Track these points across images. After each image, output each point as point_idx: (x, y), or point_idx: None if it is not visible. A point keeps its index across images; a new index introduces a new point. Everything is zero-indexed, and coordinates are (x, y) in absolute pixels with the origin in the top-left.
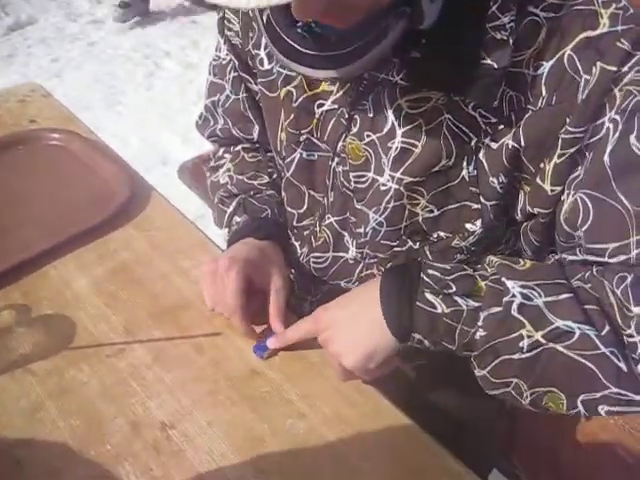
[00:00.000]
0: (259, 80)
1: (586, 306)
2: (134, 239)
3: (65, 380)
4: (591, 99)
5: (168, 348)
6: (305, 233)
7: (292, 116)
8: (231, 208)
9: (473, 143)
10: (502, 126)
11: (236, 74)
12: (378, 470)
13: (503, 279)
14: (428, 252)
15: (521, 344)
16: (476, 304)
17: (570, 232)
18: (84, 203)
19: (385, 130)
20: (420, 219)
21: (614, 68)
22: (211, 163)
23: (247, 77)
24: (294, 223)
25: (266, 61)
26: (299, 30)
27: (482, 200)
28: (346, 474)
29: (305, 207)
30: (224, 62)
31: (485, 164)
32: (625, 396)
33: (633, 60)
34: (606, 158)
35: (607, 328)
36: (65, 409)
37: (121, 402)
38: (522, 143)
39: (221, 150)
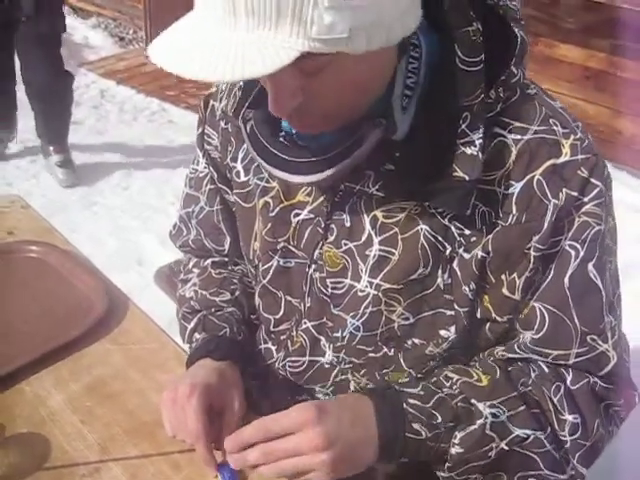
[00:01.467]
0: (235, 191)
1: (533, 410)
2: (110, 353)
3: None
4: (557, 220)
5: (144, 466)
6: (282, 337)
7: (269, 225)
8: (192, 324)
9: (448, 252)
10: (474, 238)
11: (213, 186)
12: None
13: (473, 401)
14: (402, 359)
15: (490, 454)
16: (451, 424)
17: (518, 331)
18: (61, 317)
19: (363, 239)
20: (396, 326)
21: (576, 194)
22: (181, 276)
23: (225, 188)
24: (271, 328)
25: (242, 173)
26: (281, 139)
27: (456, 307)
28: None
29: (282, 313)
30: (201, 175)
31: (458, 273)
32: (553, 476)
33: (593, 192)
34: (566, 280)
35: (549, 429)
36: None
37: None
38: (490, 254)
39: (191, 263)
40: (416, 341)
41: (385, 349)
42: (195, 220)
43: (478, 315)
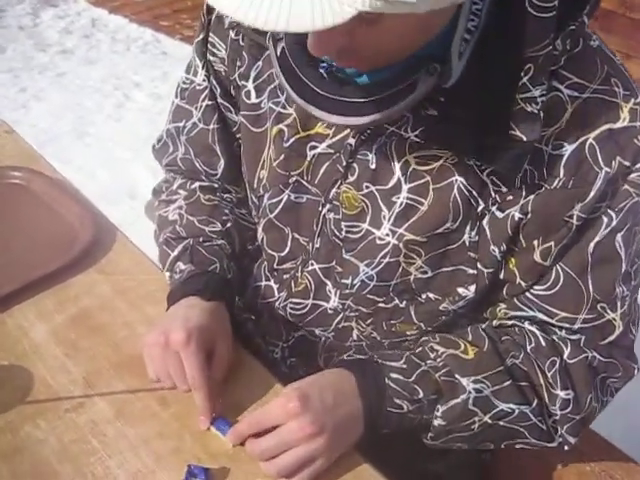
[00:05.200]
0: (242, 112)
1: (521, 383)
2: (97, 284)
3: (19, 437)
4: (604, 189)
5: (131, 401)
6: (285, 277)
7: (282, 156)
8: (176, 252)
9: (480, 209)
10: (511, 197)
11: (211, 102)
12: None
13: (457, 376)
14: (413, 312)
15: (472, 427)
16: (434, 396)
17: (527, 286)
18: (45, 246)
19: (390, 184)
20: (412, 279)
21: (628, 163)
22: (162, 196)
23: (227, 105)
24: (274, 265)
25: (254, 94)
26: (321, 71)
27: (479, 266)
28: None
29: (287, 250)
30: (198, 87)
31: (488, 231)
32: (539, 444)
33: None
34: (591, 246)
35: (536, 401)
36: (18, 470)
37: (79, 461)
38: (528, 216)
39: (176, 184)
40: (431, 296)
41: (397, 301)
42: (185, 137)
43: (501, 276)
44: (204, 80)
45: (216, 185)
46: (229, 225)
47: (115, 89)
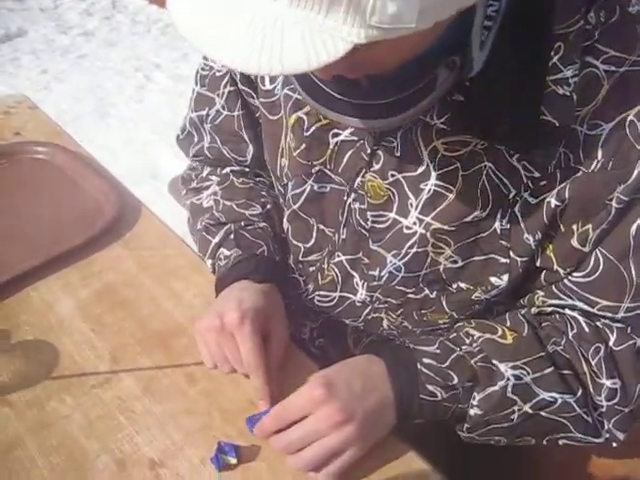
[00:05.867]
0: (260, 99)
1: (564, 372)
2: (122, 259)
3: (45, 413)
4: None
5: (158, 378)
6: (311, 269)
7: (303, 146)
8: (217, 238)
9: (511, 196)
10: (544, 182)
11: (233, 88)
12: None
13: (494, 361)
14: (444, 302)
15: (512, 417)
16: (470, 384)
17: (565, 274)
18: (69, 220)
19: (419, 171)
20: (442, 268)
21: None
22: (193, 184)
23: (249, 91)
24: (299, 257)
25: (267, 80)
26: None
27: (512, 255)
28: None
29: (313, 241)
30: (218, 74)
31: (520, 219)
32: (585, 439)
33: None
34: (633, 228)
35: (580, 391)
36: (45, 445)
37: (106, 437)
38: (565, 202)
39: (205, 171)
40: (462, 285)
41: (427, 291)
42: (209, 125)
43: (537, 263)
44: (223, 65)
45: (247, 170)
46: (269, 207)
47: (136, 70)
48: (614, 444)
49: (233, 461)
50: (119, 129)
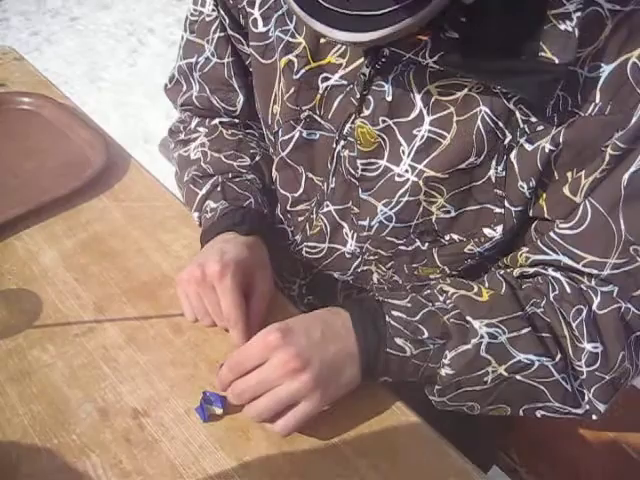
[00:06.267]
0: (251, 43)
1: (542, 334)
2: (109, 210)
3: (27, 361)
4: None
5: (143, 328)
6: (299, 219)
7: (292, 90)
8: (204, 190)
9: (507, 141)
10: (542, 127)
11: (223, 34)
12: (377, 468)
13: (468, 318)
14: (436, 255)
15: (485, 379)
16: (442, 341)
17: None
18: (55, 171)
19: (412, 116)
20: (434, 218)
21: None
22: (180, 136)
23: (238, 37)
24: (287, 207)
25: (260, 22)
26: None
27: (506, 204)
28: (340, 470)
29: (301, 190)
30: (208, 19)
31: (516, 166)
32: (564, 409)
33: None
34: (625, 177)
35: (559, 355)
36: (26, 394)
37: (89, 387)
38: (559, 147)
39: (194, 122)
40: (455, 237)
41: (418, 243)
42: (198, 73)
43: (530, 213)
44: (213, 10)
45: (237, 121)
46: (258, 159)
47: (129, 34)
48: (594, 416)
49: (219, 411)
50: (112, 93)
